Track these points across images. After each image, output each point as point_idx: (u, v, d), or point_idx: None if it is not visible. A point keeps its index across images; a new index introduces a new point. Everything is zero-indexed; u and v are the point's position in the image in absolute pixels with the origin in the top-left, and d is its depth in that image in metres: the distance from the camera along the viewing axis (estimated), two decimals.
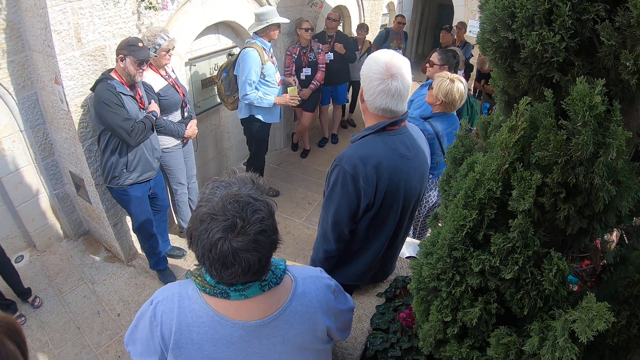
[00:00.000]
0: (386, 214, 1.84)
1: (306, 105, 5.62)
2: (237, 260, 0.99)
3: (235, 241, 0.98)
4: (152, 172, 3.25)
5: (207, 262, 1.02)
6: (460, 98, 2.86)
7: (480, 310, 1.21)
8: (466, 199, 1.18)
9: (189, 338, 1.09)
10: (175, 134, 3.56)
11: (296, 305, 1.16)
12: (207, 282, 1.11)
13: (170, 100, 3.45)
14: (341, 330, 1.34)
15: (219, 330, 1.09)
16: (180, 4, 3.70)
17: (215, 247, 0.98)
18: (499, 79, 1.28)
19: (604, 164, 0.95)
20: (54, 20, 2.79)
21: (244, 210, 1.00)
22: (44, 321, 3.31)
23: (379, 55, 1.69)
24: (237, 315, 1.10)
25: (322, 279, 1.26)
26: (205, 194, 1.05)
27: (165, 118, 3.48)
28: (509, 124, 1.09)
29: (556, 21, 1.04)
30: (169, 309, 1.11)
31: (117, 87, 2.87)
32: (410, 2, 10.85)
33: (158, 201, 3.54)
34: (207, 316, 1.10)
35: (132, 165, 3.08)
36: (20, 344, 1.04)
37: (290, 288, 1.18)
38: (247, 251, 0.99)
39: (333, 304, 1.25)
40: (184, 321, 1.10)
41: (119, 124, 2.85)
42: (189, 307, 1.11)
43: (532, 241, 1.09)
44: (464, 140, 1.60)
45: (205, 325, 1.09)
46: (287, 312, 1.15)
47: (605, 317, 0.92)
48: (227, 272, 1.02)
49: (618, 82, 1.04)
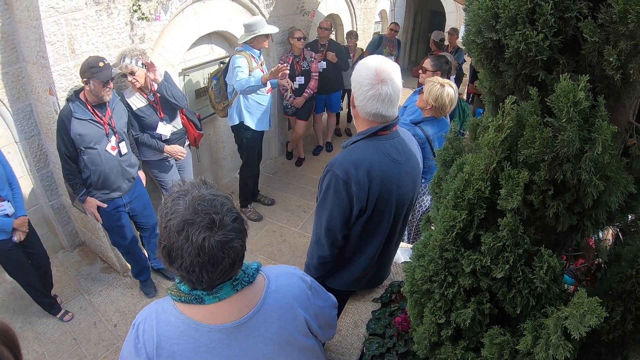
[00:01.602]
0: (379, 219, 1.84)
1: (300, 113, 5.65)
2: (226, 252, 1.01)
3: (218, 235, 1.01)
4: (120, 192, 3.21)
5: (196, 270, 1.01)
6: (450, 103, 2.88)
7: (473, 311, 1.21)
8: (455, 200, 1.18)
9: (170, 351, 1.09)
10: (156, 149, 3.57)
11: (271, 302, 1.17)
12: (182, 291, 1.12)
13: (147, 121, 3.45)
14: (323, 327, 1.33)
15: (198, 338, 1.10)
16: (173, 14, 3.73)
17: (203, 248, 0.99)
18: (486, 79, 1.28)
19: (591, 160, 0.95)
20: (48, 32, 2.81)
21: (214, 205, 1.03)
22: (41, 332, 3.29)
23: (369, 61, 1.70)
24: (213, 319, 1.11)
25: (295, 275, 1.28)
26: (168, 208, 1.05)
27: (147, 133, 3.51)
28: (495, 124, 1.10)
29: (539, 20, 1.05)
30: (149, 327, 1.12)
31: (75, 111, 2.86)
32: (402, 9, 10.96)
33: (140, 218, 3.50)
34: (184, 325, 1.10)
35: (97, 184, 3.08)
36: (14, 350, 1.05)
37: (264, 286, 1.19)
38: (231, 240, 1.03)
39: (310, 298, 1.26)
40: (164, 334, 1.10)
41: (58, 149, 2.92)
42: (165, 320, 1.11)
43: (522, 239, 1.09)
44: (453, 143, 1.60)
45: (184, 334, 1.10)
46: (263, 310, 1.15)
47: (596, 312, 0.92)
48: (217, 271, 1.03)
49: (603, 78, 1.05)
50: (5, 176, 2.86)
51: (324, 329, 1.35)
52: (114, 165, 3.07)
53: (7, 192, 2.87)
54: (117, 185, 3.16)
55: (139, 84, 3.26)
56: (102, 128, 2.96)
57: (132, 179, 3.30)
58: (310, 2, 5.81)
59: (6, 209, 2.85)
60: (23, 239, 2.97)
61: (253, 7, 4.72)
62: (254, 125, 4.35)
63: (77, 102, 2.88)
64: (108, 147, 3.01)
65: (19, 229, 2.93)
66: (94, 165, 2.99)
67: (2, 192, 2.83)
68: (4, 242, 2.90)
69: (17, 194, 2.97)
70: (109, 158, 3.03)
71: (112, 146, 3.03)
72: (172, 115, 3.61)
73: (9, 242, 2.92)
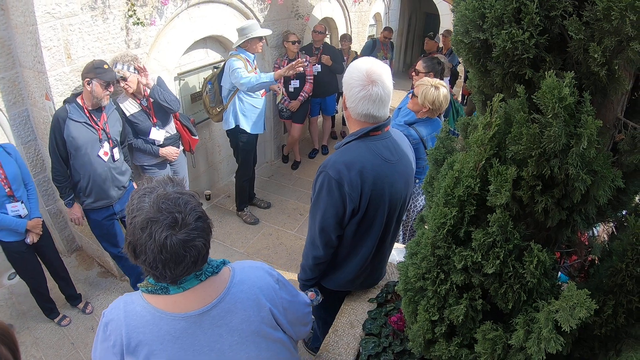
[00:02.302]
0: (372, 219, 1.85)
1: (295, 117, 5.67)
2: (187, 251, 1.04)
3: (180, 234, 1.03)
4: (109, 200, 3.18)
5: (159, 266, 1.04)
6: (445, 102, 2.94)
7: (465, 307, 1.22)
8: (446, 197, 1.19)
9: (137, 340, 1.11)
10: (151, 154, 3.61)
11: (235, 292, 1.19)
12: (149, 282, 1.14)
13: (140, 126, 3.48)
14: (293, 324, 1.34)
15: (162, 326, 1.11)
16: (168, 19, 3.74)
17: (165, 246, 1.01)
18: (474, 79, 1.30)
19: (577, 154, 0.96)
20: (44, 37, 2.82)
21: (178, 204, 1.06)
22: (38, 337, 3.28)
23: (360, 63, 1.72)
24: (176, 308, 1.13)
25: (262, 269, 1.30)
26: (134, 205, 1.08)
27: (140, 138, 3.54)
28: (483, 121, 1.11)
29: (525, 19, 1.06)
30: (117, 318, 1.14)
31: (71, 112, 2.86)
32: (397, 12, 11.00)
33: None
34: (149, 314, 1.13)
35: (86, 190, 3.07)
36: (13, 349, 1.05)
37: (229, 277, 1.22)
38: (193, 239, 1.05)
39: (276, 291, 1.27)
40: (131, 324, 1.12)
41: (50, 151, 2.93)
42: (132, 310, 1.14)
43: (512, 235, 1.10)
44: (444, 142, 1.62)
45: (149, 323, 1.12)
46: (227, 300, 1.17)
47: (586, 304, 0.93)
48: (180, 268, 1.06)
49: (589, 75, 1.07)
50: (21, 177, 2.86)
51: (295, 325, 1.36)
52: (104, 172, 3.05)
53: (22, 192, 2.85)
54: (106, 193, 3.13)
55: (131, 90, 3.30)
56: (95, 133, 2.96)
57: (123, 187, 3.28)
58: (304, 6, 5.84)
59: (19, 210, 2.83)
60: (37, 241, 2.95)
61: (248, 12, 4.74)
62: (250, 129, 4.36)
63: (74, 104, 2.89)
64: (100, 152, 3.00)
65: (33, 231, 2.91)
66: (84, 170, 2.98)
67: (17, 192, 2.81)
68: (17, 244, 2.88)
69: (33, 195, 2.96)
70: (99, 164, 3.01)
71: (104, 151, 3.01)
72: (165, 121, 3.62)
73: (23, 244, 2.90)
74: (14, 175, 2.79)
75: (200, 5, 4.11)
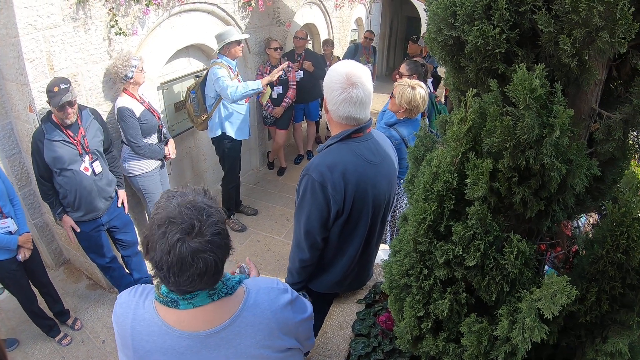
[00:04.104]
0: (357, 220, 1.85)
1: (279, 123, 5.67)
2: (195, 261, 1.00)
3: (193, 242, 1.00)
4: (97, 212, 3.14)
5: (164, 267, 1.01)
6: (422, 102, 2.96)
7: (450, 301, 1.23)
8: (425, 193, 1.20)
9: (141, 346, 1.11)
10: (158, 154, 3.62)
11: (247, 315, 1.15)
12: (161, 292, 1.12)
13: (149, 124, 3.49)
14: (300, 340, 1.30)
15: (167, 340, 1.10)
16: (149, 28, 3.73)
17: (174, 249, 0.99)
18: (449, 76, 1.32)
19: (551, 144, 0.98)
20: (27, 49, 2.80)
21: (201, 214, 1.03)
22: (29, 353, 3.23)
23: (339, 67, 1.74)
24: (184, 325, 1.10)
25: (276, 289, 1.24)
26: (161, 203, 1.07)
27: (146, 141, 3.54)
28: (458, 116, 1.13)
29: (495, 15, 1.09)
30: (125, 313, 1.14)
31: (47, 132, 2.80)
32: (378, 16, 11.12)
33: (119, 234, 3.43)
34: (155, 326, 1.11)
35: (74, 205, 3.03)
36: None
37: (242, 299, 1.17)
38: (204, 251, 1.01)
39: (288, 313, 1.22)
40: (137, 329, 1.12)
41: (35, 172, 2.90)
42: (141, 316, 1.13)
43: (491, 227, 1.12)
44: (423, 140, 1.64)
45: (155, 334, 1.10)
46: (237, 323, 1.13)
47: (566, 290, 0.94)
48: (184, 277, 1.02)
49: (561, 66, 1.09)
50: (6, 192, 2.79)
51: (302, 341, 1.33)
52: (89, 185, 3.00)
53: (9, 209, 2.78)
54: (93, 206, 3.09)
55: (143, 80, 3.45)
56: (75, 148, 2.90)
57: (110, 198, 3.25)
58: (286, 12, 5.87)
59: (9, 226, 2.76)
60: (27, 257, 2.88)
61: (229, 19, 4.74)
62: (235, 135, 4.36)
63: (49, 123, 2.83)
64: (82, 167, 2.95)
65: (24, 246, 2.84)
66: (69, 186, 2.93)
67: (5, 208, 2.74)
68: (8, 262, 2.80)
69: (19, 211, 2.90)
70: (84, 178, 2.96)
71: (84, 167, 2.96)
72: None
73: (14, 262, 2.82)
74: (0, 191, 2.73)
75: (182, 14, 4.10)
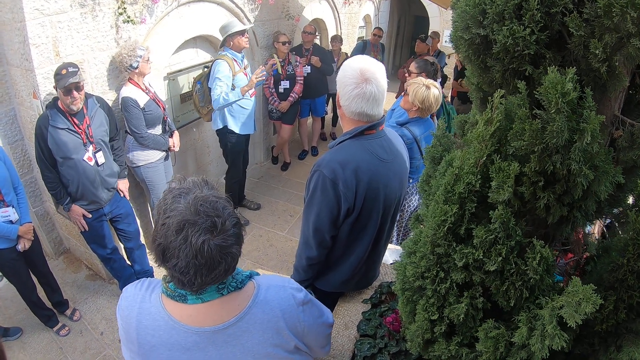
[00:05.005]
0: (367, 218, 1.83)
1: (285, 118, 5.65)
2: (223, 257, 0.98)
3: (217, 239, 0.97)
4: (99, 203, 3.12)
5: (191, 271, 0.97)
6: (435, 103, 2.94)
7: (466, 306, 1.21)
8: (446, 195, 1.18)
9: (146, 341, 1.08)
10: (162, 145, 3.59)
11: (256, 312, 1.12)
12: (169, 286, 1.09)
13: (153, 114, 3.45)
14: (310, 346, 1.26)
15: (173, 335, 1.07)
16: (158, 18, 3.69)
17: (202, 251, 0.95)
18: (473, 75, 1.30)
19: (580, 150, 0.96)
20: (33, 34, 2.76)
21: (216, 208, 1.00)
22: (26, 342, 3.21)
23: (353, 61, 1.70)
24: (192, 320, 1.07)
25: (289, 288, 1.21)
26: (167, 205, 1.02)
27: (150, 132, 3.51)
28: (484, 117, 1.11)
29: (526, 15, 1.06)
30: (130, 307, 1.12)
31: (52, 118, 2.76)
32: (386, 14, 11.06)
33: (122, 224, 3.41)
34: (162, 320, 1.08)
35: (76, 195, 3.01)
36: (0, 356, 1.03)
37: (252, 295, 1.14)
38: (230, 246, 0.99)
39: (298, 314, 1.18)
40: (142, 323, 1.09)
41: (37, 159, 2.86)
42: (147, 309, 1.10)
43: (514, 231, 1.10)
44: (441, 140, 1.61)
45: (161, 329, 1.08)
46: (246, 319, 1.10)
47: (592, 299, 0.93)
48: (212, 275, 1.00)
49: (589, 71, 1.07)
50: (11, 180, 2.76)
51: (315, 347, 1.29)
52: (92, 175, 2.97)
53: (12, 197, 2.75)
54: (96, 196, 3.06)
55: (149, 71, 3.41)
56: (79, 137, 2.87)
57: (113, 189, 3.22)
58: (295, 6, 5.83)
59: (10, 215, 2.73)
60: (27, 248, 2.85)
61: (238, 11, 4.71)
62: (238, 129, 4.33)
63: (54, 109, 2.79)
64: (85, 157, 2.92)
65: (25, 237, 2.82)
66: (72, 175, 2.91)
67: (7, 197, 2.71)
68: (8, 251, 2.77)
69: (22, 200, 2.87)
70: (87, 168, 2.93)
71: (88, 157, 2.93)
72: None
73: (13, 251, 2.79)
74: (4, 179, 2.70)
75: (191, 4, 4.07)
